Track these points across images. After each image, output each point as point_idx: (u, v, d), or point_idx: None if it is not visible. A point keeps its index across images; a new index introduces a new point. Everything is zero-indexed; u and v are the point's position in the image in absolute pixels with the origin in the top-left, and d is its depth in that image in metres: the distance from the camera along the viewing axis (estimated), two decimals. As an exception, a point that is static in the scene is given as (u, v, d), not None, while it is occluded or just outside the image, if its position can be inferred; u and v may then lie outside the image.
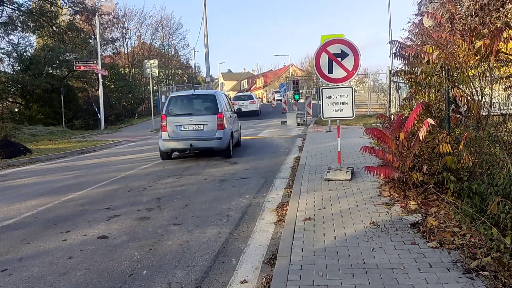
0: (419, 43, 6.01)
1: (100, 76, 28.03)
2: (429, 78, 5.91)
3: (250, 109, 28.55)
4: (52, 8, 27.74)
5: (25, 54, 29.95)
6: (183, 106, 11.37)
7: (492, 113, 4.77)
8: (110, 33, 41.26)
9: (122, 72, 41.25)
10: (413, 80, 6.44)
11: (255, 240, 4.71)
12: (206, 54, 26.13)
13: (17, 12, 25.92)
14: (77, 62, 27.66)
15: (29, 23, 27.23)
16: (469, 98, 4.97)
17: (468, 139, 4.93)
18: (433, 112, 5.64)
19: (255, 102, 30.49)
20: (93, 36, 34.18)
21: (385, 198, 5.60)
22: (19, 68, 29.45)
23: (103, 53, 36.52)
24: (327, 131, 15.81)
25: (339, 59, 6.92)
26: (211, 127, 10.71)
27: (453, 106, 5.47)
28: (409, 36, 6.45)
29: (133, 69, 43.68)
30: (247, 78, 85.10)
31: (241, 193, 6.97)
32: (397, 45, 6.14)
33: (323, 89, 7.18)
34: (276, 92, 42.57)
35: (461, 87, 5.10)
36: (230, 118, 11.89)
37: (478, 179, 4.51)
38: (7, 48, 28.74)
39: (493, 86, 4.68)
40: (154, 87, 35.08)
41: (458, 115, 5.36)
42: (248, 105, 29.01)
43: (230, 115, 12.09)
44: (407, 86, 8.10)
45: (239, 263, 4.09)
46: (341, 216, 4.96)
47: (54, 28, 28.93)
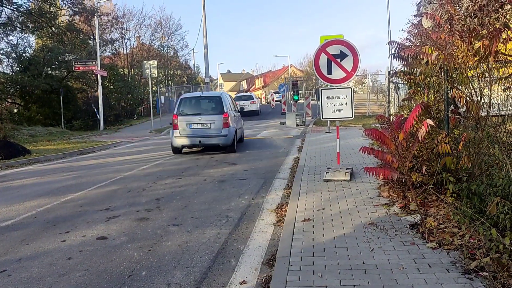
0: (418, 44, 6.01)
1: (99, 77, 28.03)
2: (428, 79, 5.92)
3: (251, 109, 29.98)
4: (51, 9, 27.75)
5: (24, 55, 29.95)
6: (192, 107, 12.53)
7: (491, 114, 4.78)
8: (109, 34, 41.33)
9: (121, 73, 41.26)
10: (412, 81, 6.45)
11: (255, 241, 4.71)
12: (206, 55, 26.15)
13: (16, 13, 25.94)
14: (76, 63, 27.65)
15: (28, 24, 27.25)
16: (468, 99, 4.98)
17: (467, 140, 4.94)
18: (432, 113, 5.65)
19: (255, 102, 31.72)
20: (92, 37, 34.18)
21: (384, 199, 5.60)
22: (18, 69, 29.45)
23: (102, 54, 36.54)
24: (326, 132, 15.82)
25: (338, 60, 6.93)
26: (218, 126, 11.86)
27: (452, 107, 5.47)
28: (408, 37, 6.45)
29: (132, 70, 43.68)
30: (246, 79, 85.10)
31: (241, 194, 6.97)
32: (396, 46, 6.15)
33: (323, 90, 7.19)
34: (276, 93, 42.70)
35: (460, 88, 5.11)
36: (234, 117, 12.98)
37: (477, 180, 4.51)
38: (6, 49, 28.75)
39: (492, 87, 4.68)
40: (154, 88, 35.13)
41: (457, 116, 5.37)
42: (249, 105, 30.14)
43: (234, 114, 13.15)
44: (406, 87, 8.10)
45: (239, 264, 4.09)
46: (341, 217, 4.96)
47: (53, 29, 28.95)
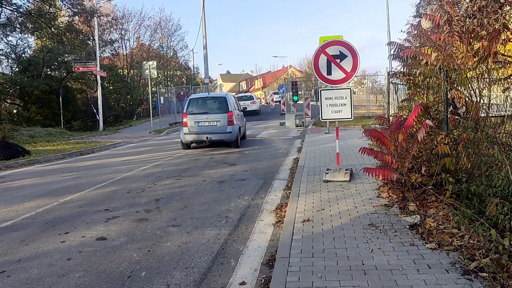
0: (418, 45, 6.02)
1: (99, 78, 28.01)
2: (428, 80, 5.92)
3: (252, 109, 31.98)
4: (51, 10, 27.74)
5: (24, 56, 29.93)
6: (200, 106, 13.69)
7: (491, 115, 4.78)
8: (109, 35, 41.33)
9: (121, 74, 41.26)
10: (412, 82, 6.45)
11: (254, 242, 4.71)
12: (205, 56, 26.16)
13: (16, 14, 25.92)
14: (76, 64, 27.64)
15: (28, 25, 27.23)
16: (468, 100, 4.98)
17: (467, 141, 4.94)
18: (432, 114, 5.65)
19: (256, 102, 33.82)
20: (92, 38, 34.18)
21: (384, 200, 5.60)
22: (18, 69, 29.43)
23: (102, 55, 36.55)
24: (326, 133, 15.83)
25: (338, 61, 6.93)
26: (223, 123, 13.07)
27: (452, 108, 5.48)
28: (408, 38, 6.45)
29: (132, 71, 43.68)
30: (246, 80, 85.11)
31: (240, 195, 6.97)
32: (396, 47, 6.16)
33: (322, 91, 7.19)
34: (275, 94, 42.88)
35: (460, 89, 5.12)
36: (238, 116, 14.15)
37: (477, 181, 4.51)
38: (6, 50, 28.72)
39: (492, 88, 4.69)
40: (153, 89, 35.12)
41: (457, 117, 5.37)
42: (250, 105, 32.07)
43: (238, 113, 14.33)
44: (406, 88, 8.11)
45: (238, 265, 4.09)
46: (340, 218, 4.96)
47: (53, 30, 28.95)
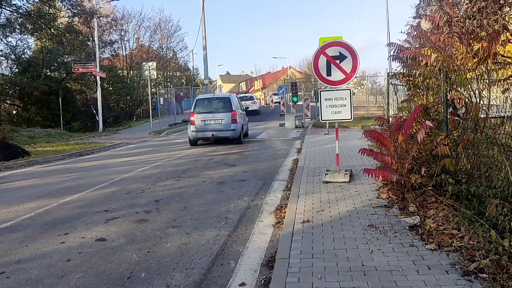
0: (417, 46, 6.02)
1: (98, 78, 28.02)
2: (427, 81, 5.93)
3: (252, 108, 33.58)
4: (51, 10, 27.73)
5: (23, 56, 29.92)
6: (206, 106, 14.84)
7: (490, 116, 4.78)
8: (109, 35, 41.32)
9: (121, 74, 41.29)
10: (411, 83, 6.46)
11: (254, 243, 4.71)
12: (205, 57, 26.18)
13: (16, 14, 25.91)
14: (75, 64, 27.66)
15: (28, 25, 27.23)
16: (467, 101, 4.99)
17: (466, 142, 4.94)
18: (431, 115, 5.66)
19: (256, 103, 36.01)
20: (92, 38, 34.20)
21: (384, 201, 5.60)
22: (17, 70, 29.42)
23: (102, 55, 36.56)
24: (325, 134, 15.83)
25: (338, 62, 6.93)
26: (227, 121, 14.29)
27: (451, 109, 5.48)
28: (407, 39, 6.46)
29: (132, 71, 43.68)
30: (245, 80, 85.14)
31: (240, 196, 6.97)
32: (395, 48, 6.16)
33: (322, 92, 7.18)
34: (275, 95, 43.08)
35: (459, 90, 5.12)
36: (241, 115, 15.45)
37: (477, 182, 4.51)
38: (5, 50, 28.73)
39: (491, 89, 4.69)
40: (153, 89, 35.09)
41: (456, 118, 5.38)
42: (251, 105, 33.59)
43: (241, 112, 15.59)
44: (405, 89, 8.12)
45: (238, 266, 4.09)
46: (340, 219, 4.96)
47: (53, 30, 28.94)
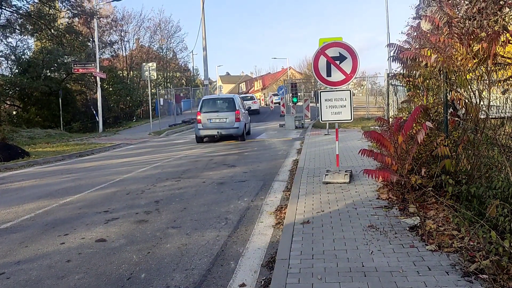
0: (417, 47, 6.03)
1: (98, 79, 28.04)
2: (427, 81, 5.93)
3: (253, 108, 35.34)
4: (51, 11, 27.77)
5: (23, 57, 29.95)
6: (211, 106, 16.19)
7: (490, 116, 4.78)
8: (109, 36, 41.42)
9: (121, 75, 41.32)
10: (411, 83, 6.45)
11: (254, 243, 4.70)
12: (205, 57, 26.22)
13: (16, 15, 25.93)
14: (75, 65, 27.68)
15: (28, 26, 27.25)
16: (467, 101, 4.98)
17: (467, 142, 4.94)
18: (431, 115, 5.65)
19: (256, 102, 38.45)
20: (92, 39, 34.20)
21: (384, 201, 5.59)
22: (17, 71, 29.45)
23: (102, 56, 36.60)
24: (325, 134, 15.82)
25: (338, 62, 6.92)
26: (231, 120, 15.56)
27: (451, 109, 5.48)
28: (407, 40, 6.47)
29: (132, 72, 43.72)
30: (245, 81, 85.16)
31: (240, 196, 6.96)
32: (395, 49, 6.16)
33: (322, 92, 7.18)
34: (274, 95, 43.19)
35: (459, 90, 5.12)
36: (244, 114, 16.65)
37: (477, 182, 4.51)
38: (5, 51, 28.76)
39: (491, 89, 4.69)
40: (153, 90, 35.13)
41: (456, 118, 5.38)
42: (251, 105, 35.05)
43: (244, 112, 16.86)
44: (405, 89, 8.12)
45: (238, 266, 4.08)
46: (340, 219, 4.95)
47: (53, 31, 28.96)
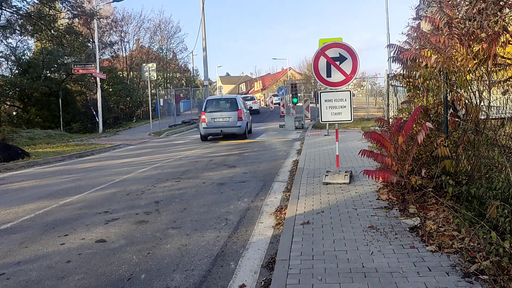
0: (417, 47, 6.03)
1: (98, 80, 28.03)
2: (427, 82, 5.93)
3: (253, 108, 36.13)
4: (51, 12, 27.77)
5: (23, 58, 29.97)
6: (215, 106, 17.21)
7: (491, 117, 4.78)
8: (109, 37, 41.43)
9: (121, 76, 41.33)
10: (411, 84, 6.46)
11: (254, 244, 4.70)
12: (204, 58, 26.23)
13: (16, 16, 25.93)
14: (75, 66, 27.69)
15: (28, 27, 27.25)
16: (467, 102, 4.98)
17: (467, 143, 4.94)
18: (432, 116, 5.66)
19: (256, 103, 39.74)
20: (92, 40, 34.22)
21: (384, 202, 5.59)
22: (17, 72, 29.47)
23: (102, 57, 36.61)
24: (325, 135, 15.82)
25: (337, 63, 6.92)
26: (234, 119, 16.57)
27: (451, 110, 5.48)
28: (407, 40, 6.47)
29: (131, 73, 43.74)
30: (245, 82, 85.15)
31: (240, 197, 6.96)
32: (395, 49, 6.16)
33: (322, 93, 7.18)
34: (274, 96, 43.24)
35: (459, 91, 5.12)
36: (246, 113, 17.73)
37: (477, 183, 4.51)
38: (6, 52, 28.76)
39: (491, 90, 4.69)
40: (152, 91, 35.15)
41: (457, 119, 5.38)
42: (252, 105, 35.93)
43: (245, 111, 17.89)
44: (405, 90, 8.12)
45: (238, 267, 4.08)
46: (340, 220, 4.95)
47: (53, 32, 28.96)
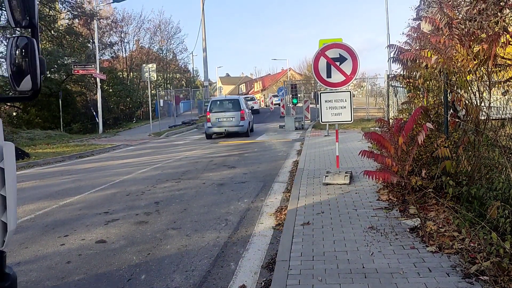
0: (418, 48, 6.03)
1: (99, 80, 28.05)
2: (428, 83, 5.93)
3: (254, 108, 36.80)
4: (51, 12, 27.81)
5: (23, 58, 29.91)
6: (219, 106, 18.52)
7: (491, 117, 4.78)
8: (109, 37, 41.39)
9: (121, 76, 41.33)
10: (412, 85, 6.46)
11: (254, 245, 4.70)
12: (204, 58, 26.26)
13: (16, 16, 25.93)
14: (76, 66, 27.68)
15: (28, 27, 27.24)
16: (468, 102, 4.98)
17: (467, 143, 4.94)
18: (432, 117, 5.65)
19: (256, 103, 41.23)
20: (92, 40, 34.22)
21: (384, 203, 5.59)
22: (17, 72, 29.40)
23: (102, 57, 36.61)
24: (325, 135, 15.82)
25: (338, 64, 6.92)
26: (237, 119, 17.86)
27: (452, 111, 5.48)
28: (408, 41, 6.47)
29: (132, 73, 43.72)
30: (245, 82, 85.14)
31: (240, 197, 6.96)
32: (396, 50, 6.16)
33: (322, 93, 7.18)
34: (274, 96, 43.21)
35: (460, 92, 5.12)
36: (248, 113, 19.01)
37: (477, 184, 4.50)
38: (5, 52, 28.72)
39: (492, 91, 4.69)
40: (152, 91, 35.14)
41: (457, 119, 5.37)
42: (252, 105, 36.53)
43: (248, 111, 19.18)
44: (405, 91, 8.12)
45: (238, 268, 4.07)
46: (340, 221, 4.95)
47: (53, 32, 28.99)
